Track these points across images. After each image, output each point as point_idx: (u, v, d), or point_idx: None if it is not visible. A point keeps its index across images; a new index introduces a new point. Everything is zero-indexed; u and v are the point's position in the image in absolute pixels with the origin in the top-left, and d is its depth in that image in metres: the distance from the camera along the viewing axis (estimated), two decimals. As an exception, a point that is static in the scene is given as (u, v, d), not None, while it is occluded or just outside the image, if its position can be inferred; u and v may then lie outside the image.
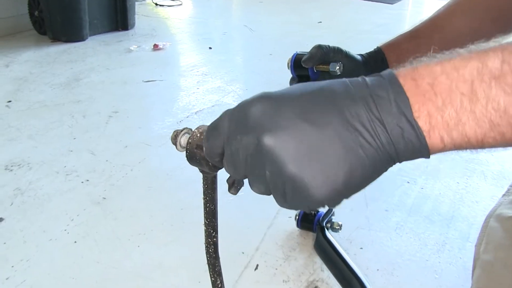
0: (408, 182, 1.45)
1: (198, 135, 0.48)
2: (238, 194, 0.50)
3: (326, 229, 1.07)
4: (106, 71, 2.37)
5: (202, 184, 0.57)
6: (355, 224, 1.22)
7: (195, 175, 0.61)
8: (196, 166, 0.52)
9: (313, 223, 1.10)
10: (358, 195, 0.32)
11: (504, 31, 0.70)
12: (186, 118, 1.82)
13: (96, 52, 2.71)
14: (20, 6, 2.99)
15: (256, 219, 1.23)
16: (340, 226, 1.10)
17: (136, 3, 4.21)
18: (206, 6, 4.78)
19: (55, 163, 1.46)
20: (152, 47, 2.73)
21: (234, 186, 0.50)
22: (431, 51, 0.31)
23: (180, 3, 4.36)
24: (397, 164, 0.32)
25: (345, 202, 0.32)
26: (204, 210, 0.59)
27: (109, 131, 1.71)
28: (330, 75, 0.73)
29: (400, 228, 1.23)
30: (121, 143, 1.62)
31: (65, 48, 2.75)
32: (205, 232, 0.60)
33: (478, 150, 0.29)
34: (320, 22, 3.94)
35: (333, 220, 1.11)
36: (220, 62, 2.65)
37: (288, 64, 0.77)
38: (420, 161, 1.64)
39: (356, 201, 1.32)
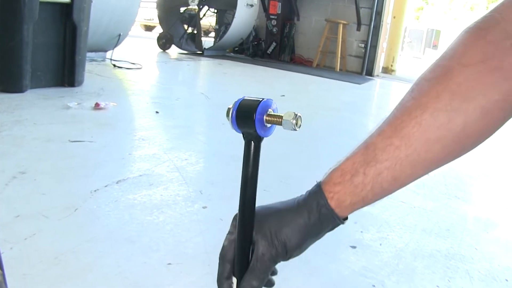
0: (374, 286, 1.18)
1: None
2: None
3: None
4: (32, 126, 2.12)
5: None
6: None
7: (92, 264, 0.36)
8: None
9: None
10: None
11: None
12: (103, 187, 1.57)
13: (30, 105, 2.47)
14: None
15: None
16: None
17: (94, 62, 4.10)
18: (169, 72, 4.71)
19: None
20: (93, 106, 2.52)
21: None
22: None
23: (140, 66, 4.26)
24: (360, 262, 0.84)
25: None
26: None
27: (5, 194, 1.43)
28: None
29: None
30: (14, 211, 1.34)
31: (-2, 97, 2.50)
32: None
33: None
34: (283, 95, 3.88)
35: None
36: (164, 128, 2.46)
37: (228, 113, 0.48)
38: (389, 256, 1.38)
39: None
